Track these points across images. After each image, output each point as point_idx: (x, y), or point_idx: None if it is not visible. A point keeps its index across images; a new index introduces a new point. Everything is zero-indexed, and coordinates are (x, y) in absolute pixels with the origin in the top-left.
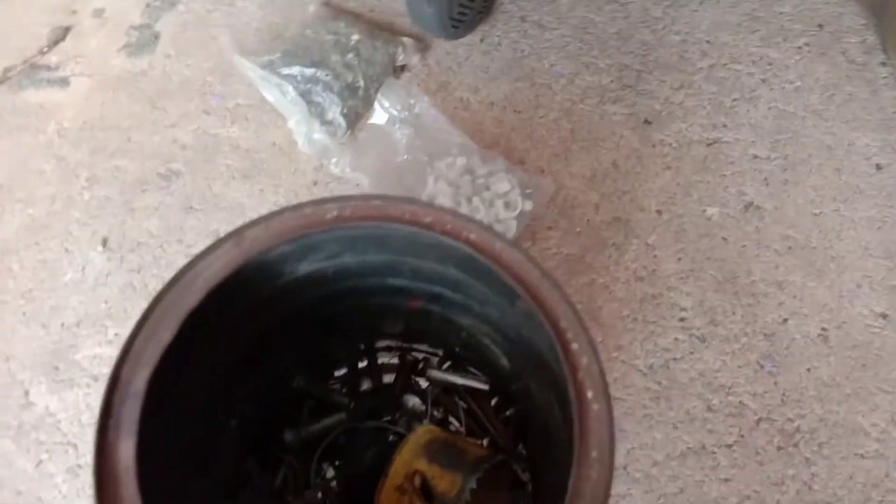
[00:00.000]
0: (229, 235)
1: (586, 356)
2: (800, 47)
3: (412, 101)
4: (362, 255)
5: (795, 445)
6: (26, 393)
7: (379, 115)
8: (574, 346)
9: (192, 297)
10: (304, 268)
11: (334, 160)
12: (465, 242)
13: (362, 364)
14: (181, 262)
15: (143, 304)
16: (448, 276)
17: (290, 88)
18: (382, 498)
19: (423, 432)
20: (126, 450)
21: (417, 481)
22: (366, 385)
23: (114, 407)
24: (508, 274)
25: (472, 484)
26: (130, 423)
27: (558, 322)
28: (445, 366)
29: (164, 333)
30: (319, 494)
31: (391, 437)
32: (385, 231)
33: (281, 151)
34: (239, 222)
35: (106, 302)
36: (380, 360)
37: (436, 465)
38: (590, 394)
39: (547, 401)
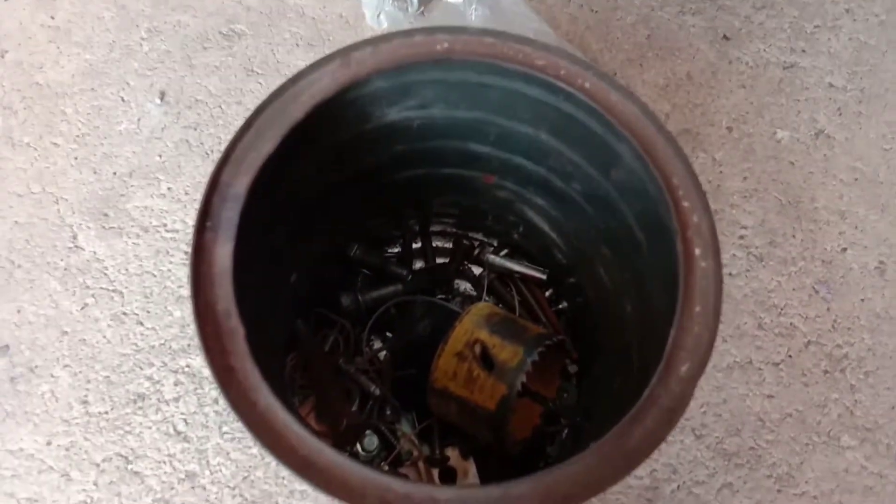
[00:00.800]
0: (336, 54)
1: (697, 214)
2: None
3: None
4: (453, 109)
5: (842, 371)
6: (74, 237)
7: None
8: (685, 203)
9: (297, 110)
10: (393, 115)
11: None
12: (578, 90)
13: (416, 245)
14: (239, 123)
15: (198, 162)
16: (537, 143)
17: None
18: (441, 363)
19: (484, 306)
20: (224, 251)
21: (478, 349)
22: (418, 266)
23: (213, 208)
24: (623, 127)
25: (535, 356)
26: (229, 225)
27: (671, 178)
28: (503, 252)
29: (267, 143)
30: (368, 362)
31: (444, 313)
32: (486, 80)
33: (347, 24)
34: None
35: (160, 156)
36: (433, 244)
37: (497, 336)
38: (698, 251)
39: (619, 286)
